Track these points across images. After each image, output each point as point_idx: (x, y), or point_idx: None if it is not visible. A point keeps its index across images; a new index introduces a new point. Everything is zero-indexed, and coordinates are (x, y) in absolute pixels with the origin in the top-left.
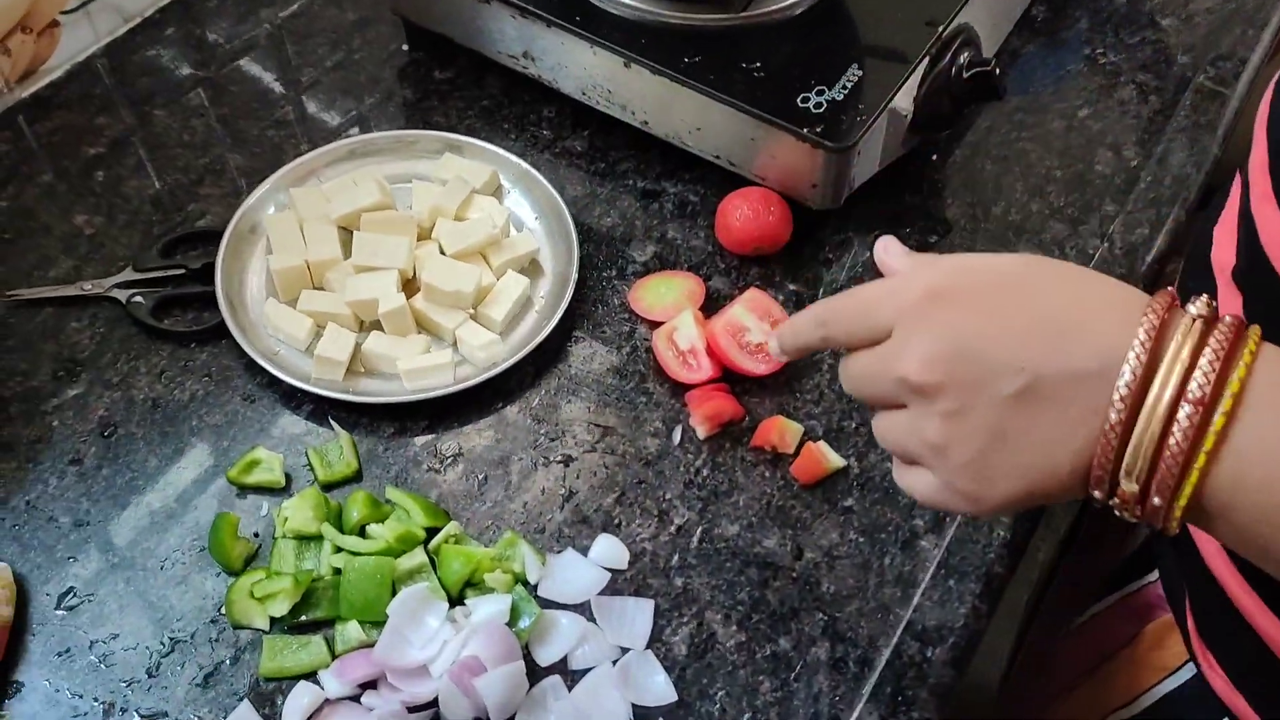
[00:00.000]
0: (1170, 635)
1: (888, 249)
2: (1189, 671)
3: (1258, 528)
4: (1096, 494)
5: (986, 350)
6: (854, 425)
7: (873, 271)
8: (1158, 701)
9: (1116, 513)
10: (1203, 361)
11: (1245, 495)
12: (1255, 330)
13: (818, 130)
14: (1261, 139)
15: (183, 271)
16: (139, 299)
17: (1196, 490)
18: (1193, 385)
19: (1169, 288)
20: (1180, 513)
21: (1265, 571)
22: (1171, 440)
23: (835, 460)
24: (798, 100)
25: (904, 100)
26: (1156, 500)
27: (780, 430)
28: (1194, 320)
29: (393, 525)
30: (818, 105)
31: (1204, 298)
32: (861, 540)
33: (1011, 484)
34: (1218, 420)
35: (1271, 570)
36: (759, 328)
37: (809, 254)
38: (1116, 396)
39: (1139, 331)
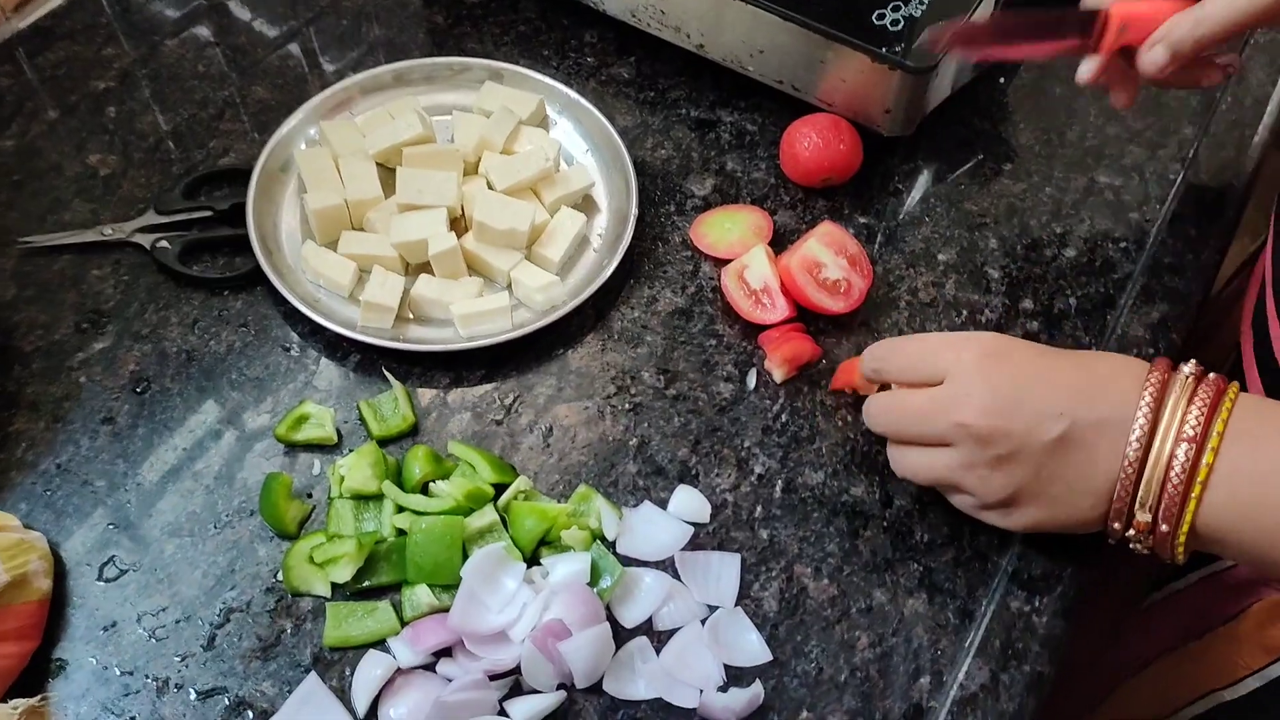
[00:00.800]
0: (1276, 611)
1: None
2: None
3: (1259, 542)
4: (1115, 525)
5: (1035, 402)
6: None
7: (944, 201)
8: (1271, 683)
9: (1131, 545)
10: (1193, 409)
11: (1239, 515)
12: (1234, 386)
13: (896, 50)
14: None
15: (210, 213)
16: (164, 244)
17: (1196, 515)
18: (1186, 428)
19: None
20: (1184, 537)
21: None
22: (1173, 474)
23: None
24: (873, 17)
25: (984, 16)
26: (1164, 527)
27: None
28: (1187, 378)
29: (459, 482)
30: (894, 22)
31: (1193, 362)
32: None
33: (1038, 513)
34: (1208, 456)
35: None
36: (835, 263)
37: (878, 184)
38: (1133, 438)
39: (1147, 388)
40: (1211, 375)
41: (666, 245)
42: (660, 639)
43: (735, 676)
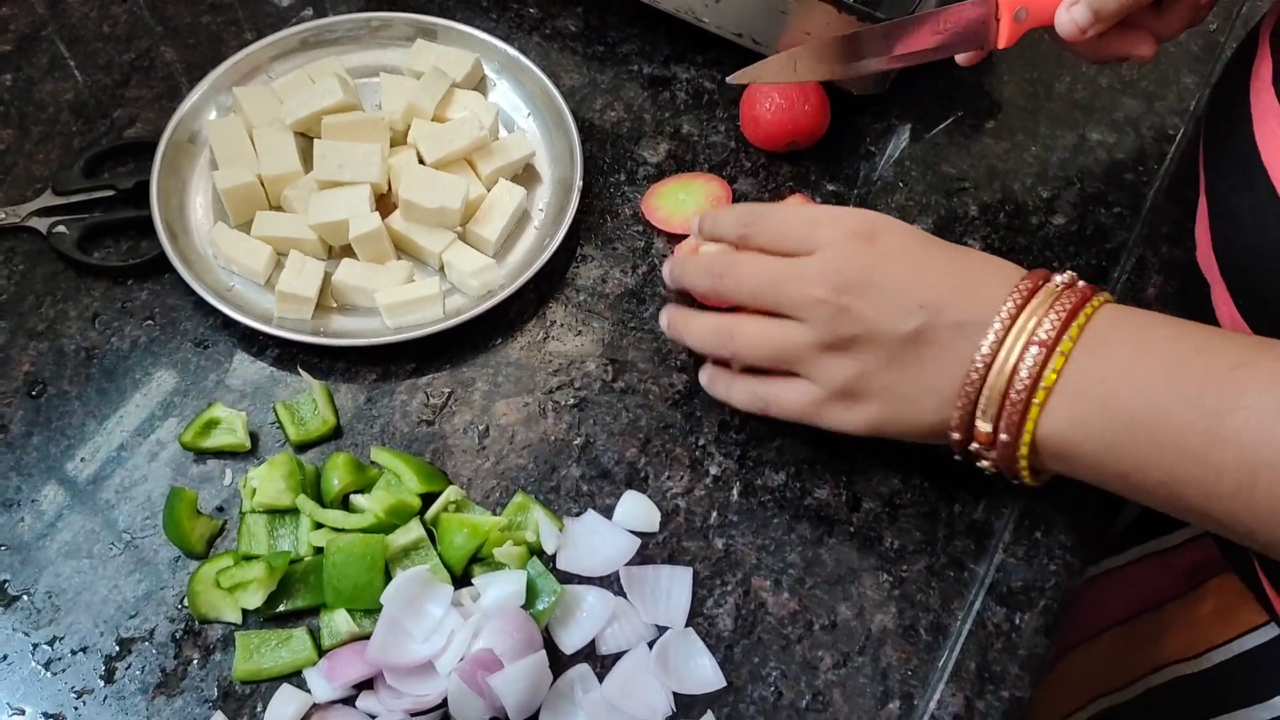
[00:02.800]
0: (1241, 593)
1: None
2: (1273, 631)
3: (1104, 458)
4: (956, 435)
5: (897, 289)
6: None
7: (920, 164)
8: (1234, 658)
9: (977, 463)
10: (1051, 314)
11: (1082, 426)
12: (1105, 295)
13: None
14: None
15: (112, 193)
16: (62, 228)
17: (1037, 425)
18: (1039, 331)
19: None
20: (1025, 449)
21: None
22: (1017, 379)
23: None
24: None
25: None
26: (1004, 437)
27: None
28: (1057, 286)
29: (381, 494)
30: None
31: (1069, 273)
32: (926, 485)
33: (880, 410)
34: (1056, 360)
35: (1150, 504)
36: None
37: (847, 147)
38: (985, 342)
39: (1013, 294)
40: (1081, 284)
41: (616, 219)
42: (604, 665)
43: (686, 705)
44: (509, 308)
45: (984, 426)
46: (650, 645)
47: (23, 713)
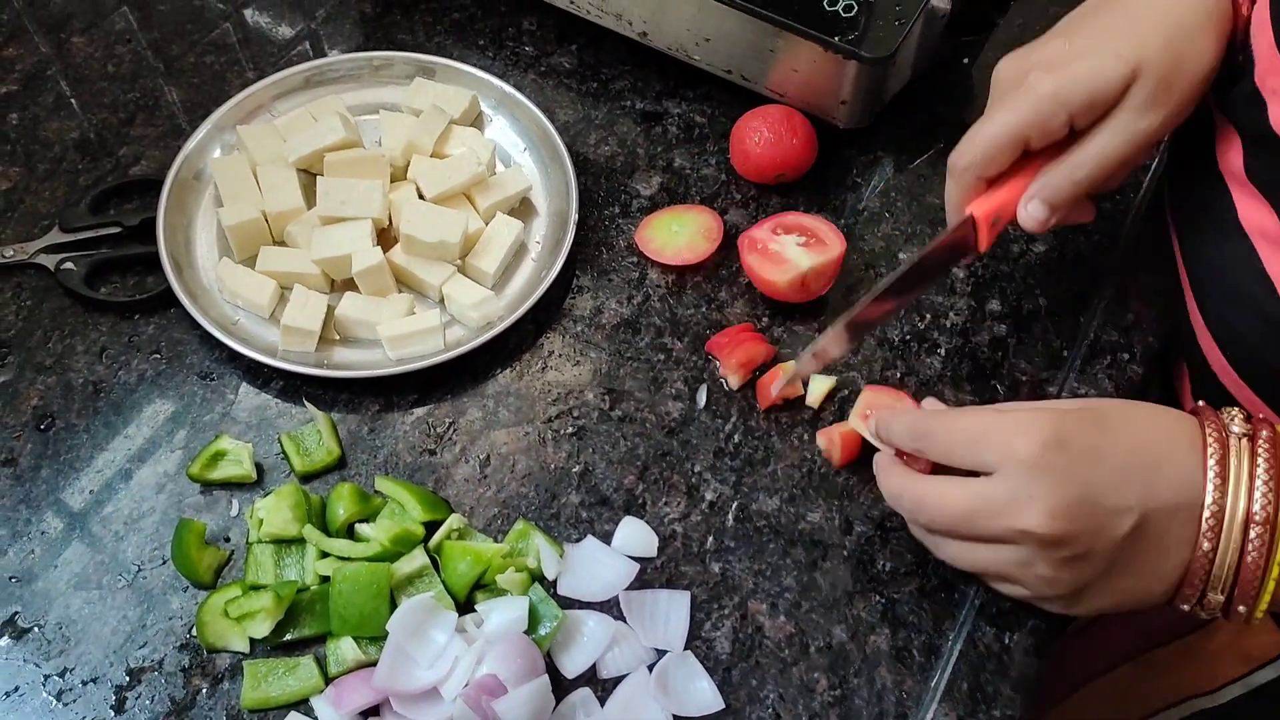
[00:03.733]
0: (1260, 625)
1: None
2: None
3: None
4: (1185, 607)
5: (1102, 496)
6: (897, 375)
7: (905, 195)
8: (1254, 691)
9: (1200, 615)
10: (1259, 484)
11: None
12: None
13: (850, 38)
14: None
15: (119, 230)
16: (70, 265)
17: (1274, 594)
18: (1256, 507)
19: (1200, 403)
20: (1260, 614)
21: None
22: (1249, 559)
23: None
24: (824, 3)
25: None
26: (1241, 609)
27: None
28: (1241, 439)
29: (385, 523)
30: (847, 8)
31: (1239, 414)
32: None
33: (1106, 601)
34: None
35: None
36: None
37: (835, 178)
38: (1205, 527)
39: (1210, 462)
40: (1265, 433)
41: (611, 250)
42: (605, 689)
43: None
44: (508, 338)
45: (1217, 598)
46: (650, 669)
47: None
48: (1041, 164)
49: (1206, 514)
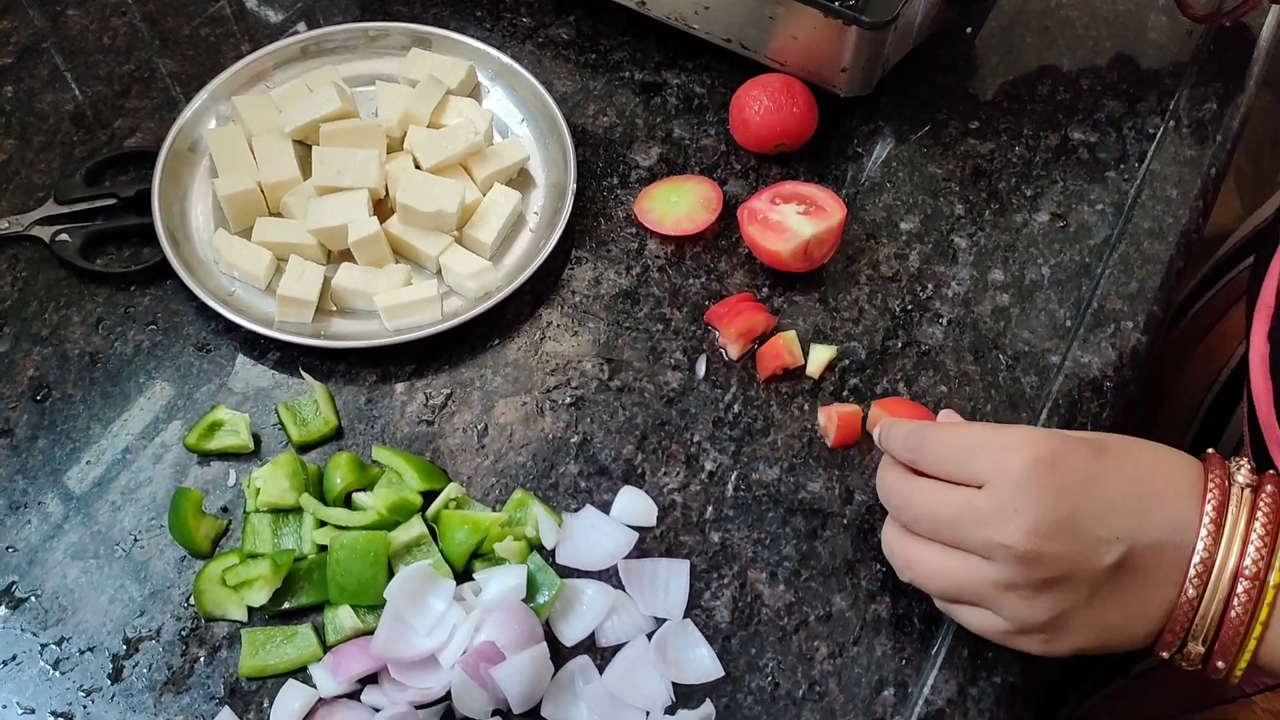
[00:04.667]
0: None
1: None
2: None
3: None
4: (1164, 654)
5: (1089, 523)
6: (898, 345)
7: (906, 165)
8: None
9: (1181, 665)
10: (1254, 537)
11: None
12: None
13: (851, 4)
14: None
15: (114, 201)
16: (65, 236)
17: (1255, 653)
18: (1247, 561)
19: (1210, 451)
20: (1240, 672)
21: None
22: (1233, 613)
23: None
24: None
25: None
26: (1220, 664)
27: (787, 346)
28: (1244, 489)
29: (383, 492)
30: None
31: (1246, 464)
32: None
33: (1085, 638)
34: (1269, 593)
35: None
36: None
37: (835, 149)
38: (1192, 572)
39: (1206, 508)
40: (1270, 488)
41: (609, 222)
42: (603, 656)
43: (685, 695)
44: (506, 309)
45: (1196, 649)
46: (649, 637)
47: (32, 712)
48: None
49: (1196, 560)
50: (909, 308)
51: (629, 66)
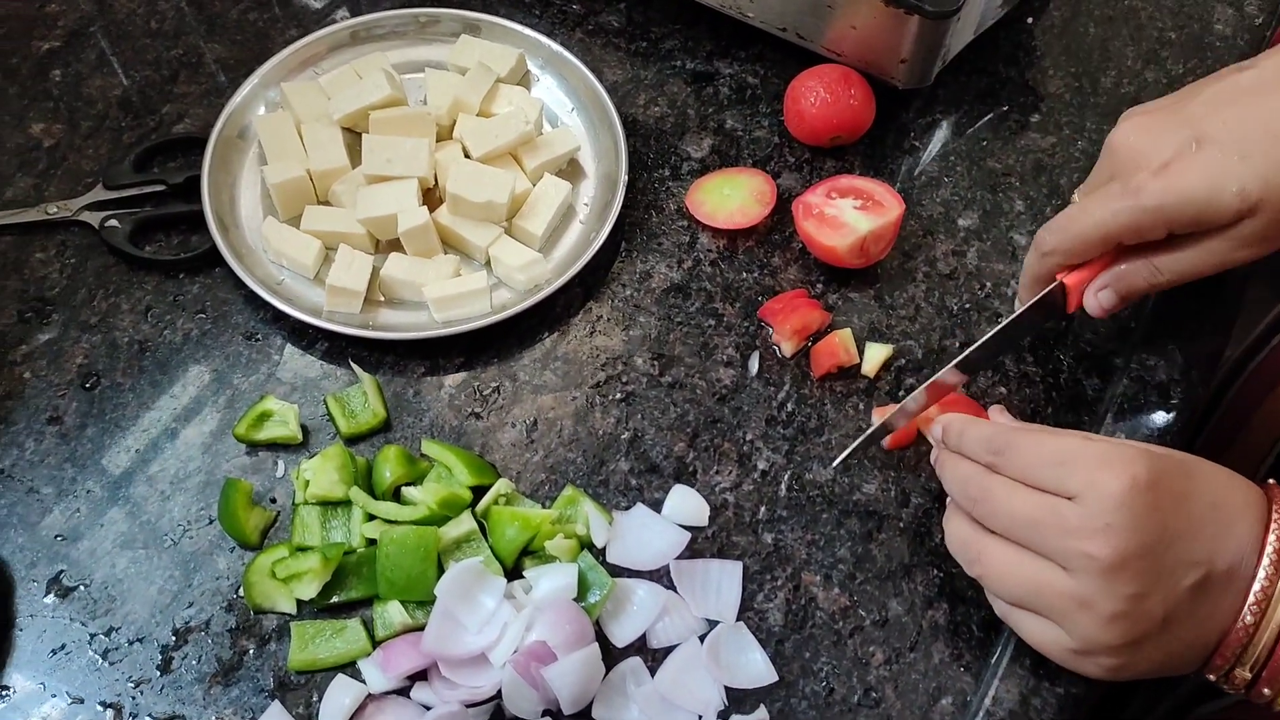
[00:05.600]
0: None
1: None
2: None
3: None
4: (1210, 676)
5: (1175, 544)
6: (956, 345)
7: (964, 159)
8: None
9: (1222, 687)
10: None
11: None
12: None
13: None
14: None
15: (163, 188)
16: (114, 222)
17: None
18: None
19: (1271, 481)
20: None
21: None
22: None
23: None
24: None
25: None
26: (1266, 690)
27: (843, 344)
28: None
29: (433, 486)
30: None
31: None
32: None
33: (1149, 664)
34: None
35: None
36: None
37: (891, 142)
38: (1251, 599)
39: (1270, 537)
40: None
41: (660, 214)
42: (655, 658)
43: (737, 700)
44: (555, 302)
45: (1244, 675)
46: (701, 639)
47: (81, 702)
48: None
49: (1256, 588)
50: (967, 306)
51: (680, 55)
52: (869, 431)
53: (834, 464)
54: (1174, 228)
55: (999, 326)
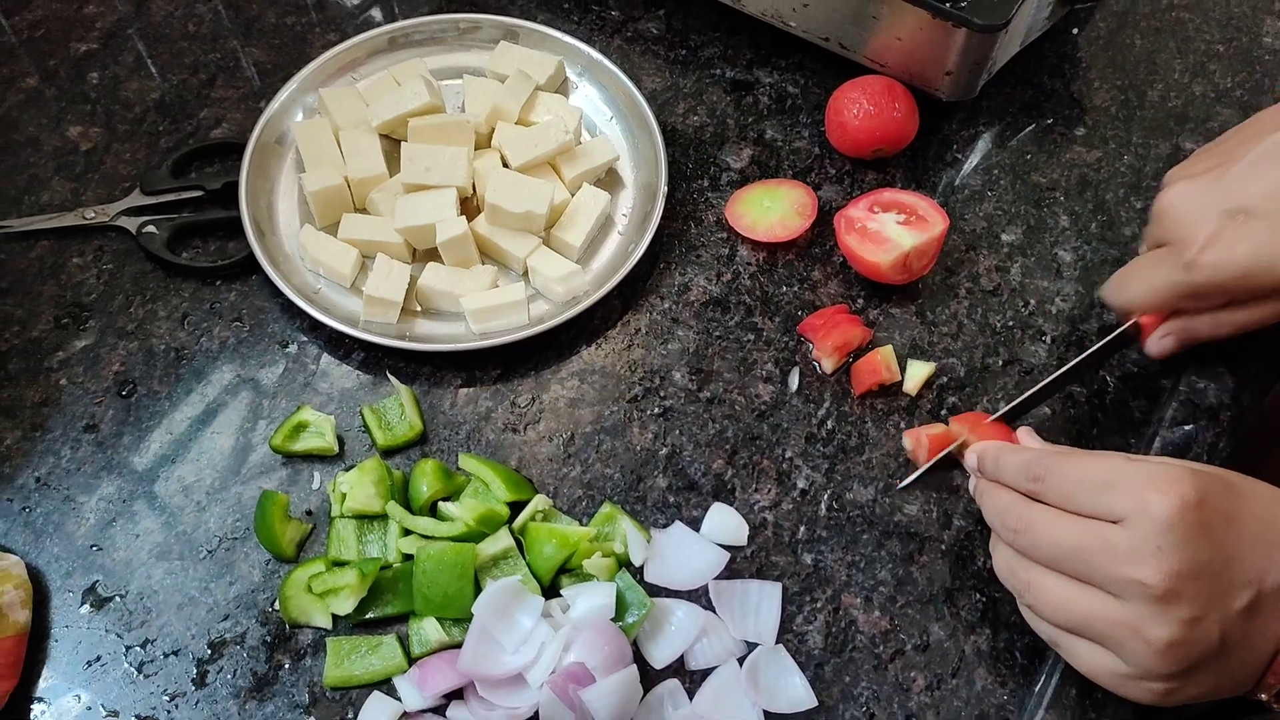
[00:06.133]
0: None
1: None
2: None
3: None
4: (1261, 696)
5: (1228, 565)
6: (999, 363)
7: (1008, 172)
8: None
9: (1272, 707)
10: None
11: None
12: None
13: (961, 5)
14: None
15: (200, 193)
16: (151, 228)
17: None
18: None
19: None
20: None
21: None
22: None
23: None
24: None
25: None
26: None
27: (884, 362)
28: None
29: (470, 503)
30: None
31: None
32: None
33: (1203, 688)
34: None
35: None
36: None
37: (933, 154)
38: None
39: None
40: None
41: (699, 225)
42: (693, 680)
43: None
44: (593, 314)
45: None
46: (740, 661)
47: (116, 715)
48: None
49: None
50: (1010, 324)
51: (720, 64)
52: (941, 454)
53: (903, 485)
54: (1230, 297)
55: (1079, 359)
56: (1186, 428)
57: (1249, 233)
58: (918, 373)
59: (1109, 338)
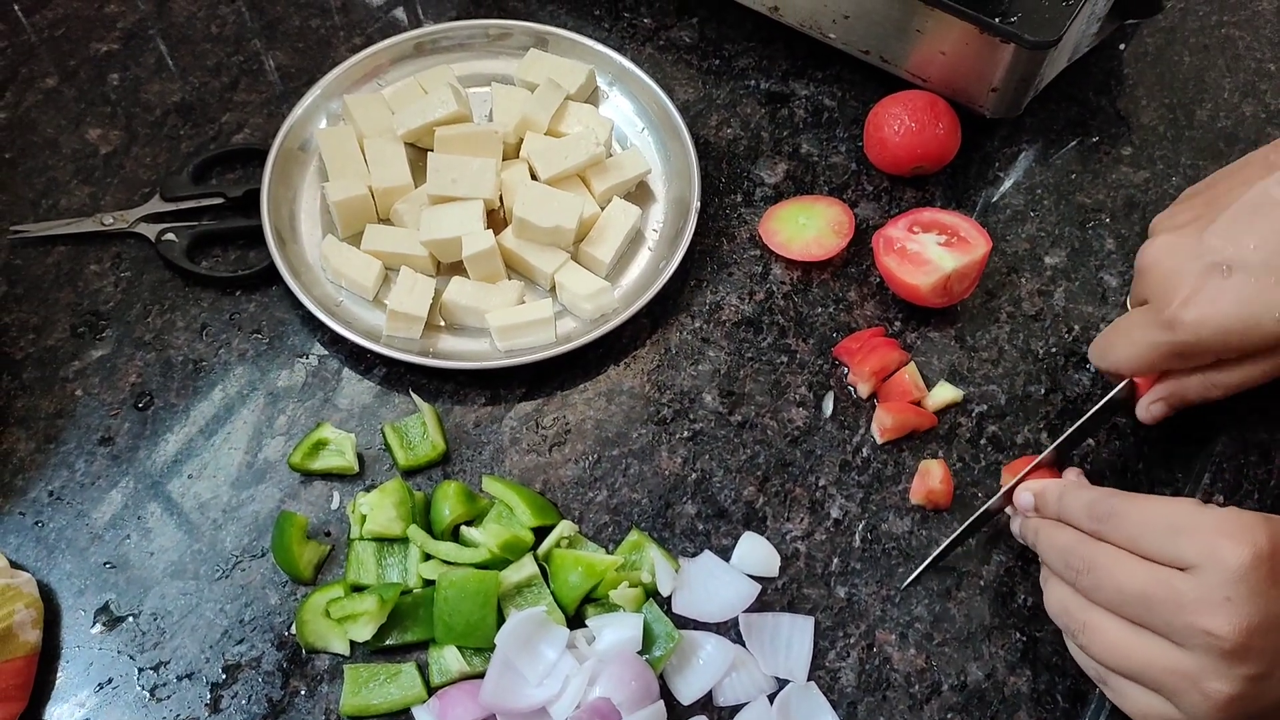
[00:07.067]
0: None
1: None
2: None
3: None
4: None
5: None
6: (1041, 392)
7: (1052, 192)
8: None
9: None
10: None
11: None
12: None
13: (1012, 20)
14: None
15: (221, 200)
16: (171, 236)
17: None
18: None
19: None
20: None
21: None
22: None
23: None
24: None
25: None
26: None
27: (913, 381)
28: None
29: (494, 528)
30: None
31: None
32: None
33: None
34: None
35: None
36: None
37: (974, 173)
38: None
39: None
40: None
41: (732, 242)
42: (721, 717)
43: None
44: (622, 333)
45: None
46: (770, 699)
47: None
48: None
49: None
50: (1053, 350)
51: (754, 74)
52: (943, 545)
53: (905, 584)
54: (1217, 356)
55: (1073, 428)
56: (1236, 462)
57: (1231, 287)
58: (942, 395)
59: (1100, 404)
